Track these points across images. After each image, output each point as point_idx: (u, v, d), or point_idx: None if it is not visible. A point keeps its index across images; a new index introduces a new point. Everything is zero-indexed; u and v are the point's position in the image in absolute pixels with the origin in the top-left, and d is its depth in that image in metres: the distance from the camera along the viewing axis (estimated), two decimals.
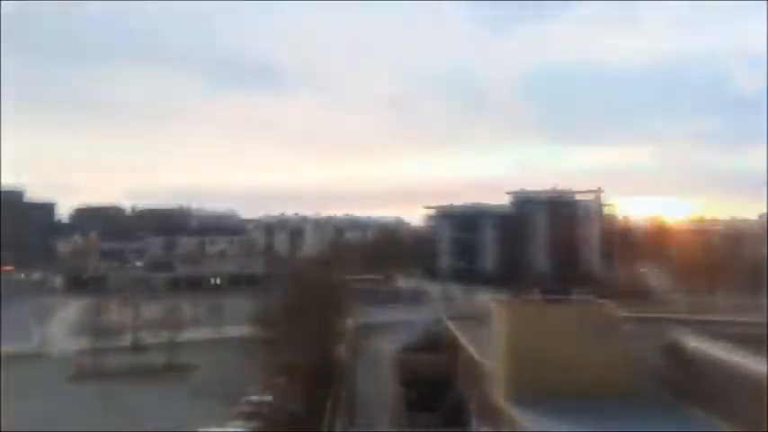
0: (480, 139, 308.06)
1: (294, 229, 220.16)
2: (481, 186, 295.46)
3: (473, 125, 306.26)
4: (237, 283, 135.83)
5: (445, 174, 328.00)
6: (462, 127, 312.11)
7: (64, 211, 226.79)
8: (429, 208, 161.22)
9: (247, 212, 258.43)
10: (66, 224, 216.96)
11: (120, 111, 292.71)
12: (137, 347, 66.72)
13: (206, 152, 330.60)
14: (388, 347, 47.97)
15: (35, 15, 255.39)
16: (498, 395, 19.36)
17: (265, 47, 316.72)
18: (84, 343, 71.59)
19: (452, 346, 37.55)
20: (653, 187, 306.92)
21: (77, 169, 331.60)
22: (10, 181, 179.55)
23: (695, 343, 18.16)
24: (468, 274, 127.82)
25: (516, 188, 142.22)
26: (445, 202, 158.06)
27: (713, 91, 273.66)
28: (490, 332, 20.96)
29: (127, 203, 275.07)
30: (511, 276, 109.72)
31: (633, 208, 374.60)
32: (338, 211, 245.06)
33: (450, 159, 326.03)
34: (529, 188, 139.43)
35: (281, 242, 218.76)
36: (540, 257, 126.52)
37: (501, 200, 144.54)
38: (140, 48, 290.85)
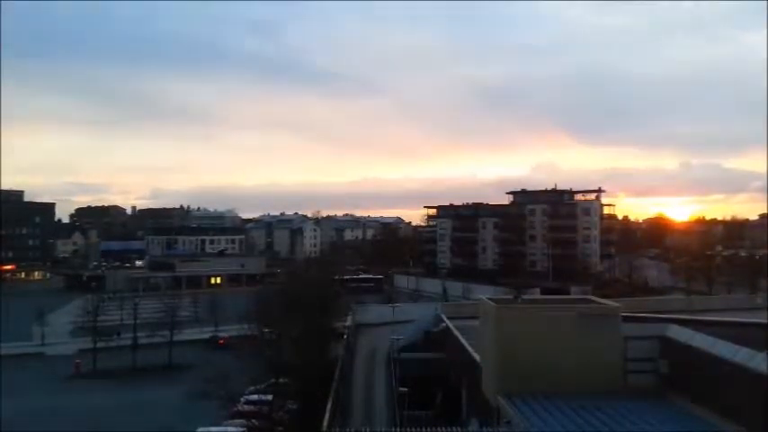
0: (485, 140, 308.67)
1: (294, 229, 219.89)
2: (482, 186, 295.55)
3: (477, 126, 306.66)
4: (237, 282, 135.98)
5: (447, 174, 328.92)
6: (466, 128, 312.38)
7: (64, 211, 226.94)
8: (430, 207, 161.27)
9: (247, 212, 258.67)
10: (66, 224, 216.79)
11: (143, 113, 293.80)
12: (136, 347, 66.76)
13: (212, 154, 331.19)
14: (387, 346, 47.95)
15: (62, 14, 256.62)
16: (494, 392, 19.36)
17: (268, 47, 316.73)
18: (84, 343, 71.74)
19: (451, 345, 37.52)
20: (654, 188, 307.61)
21: (97, 171, 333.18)
22: (10, 180, 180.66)
23: (692, 339, 18.15)
24: (469, 272, 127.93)
25: (517, 188, 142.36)
26: (445, 202, 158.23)
27: (714, 92, 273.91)
28: (487, 331, 20.94)
29: (137, 203, 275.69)
30: (511, 275, 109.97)
31: (634, 208, 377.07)
32: (338, 211, 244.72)
33: (453, 160, 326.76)
34: (529, 188, 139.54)
35: (281, 242, 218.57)
36: (539, 256, 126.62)
37: (502, 200, 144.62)
38: (183, 52, 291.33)
